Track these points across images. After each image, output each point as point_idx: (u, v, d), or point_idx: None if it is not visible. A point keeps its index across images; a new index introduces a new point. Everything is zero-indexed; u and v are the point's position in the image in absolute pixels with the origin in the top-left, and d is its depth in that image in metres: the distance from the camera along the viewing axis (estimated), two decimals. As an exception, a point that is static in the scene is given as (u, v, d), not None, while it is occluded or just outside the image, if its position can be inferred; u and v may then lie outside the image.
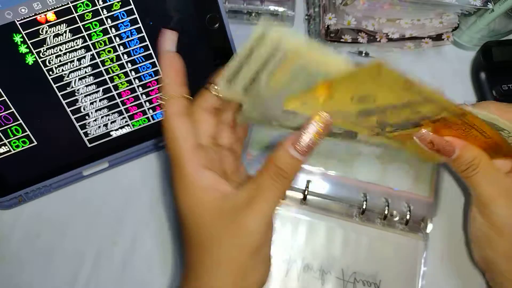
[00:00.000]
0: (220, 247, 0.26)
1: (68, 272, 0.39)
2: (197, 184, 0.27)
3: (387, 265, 0.38)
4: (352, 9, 0.42)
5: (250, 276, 0.27)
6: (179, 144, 0.27)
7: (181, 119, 0.28)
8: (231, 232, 0.26)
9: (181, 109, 0.28)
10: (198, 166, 0.27)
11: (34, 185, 0.39)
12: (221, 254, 0.26)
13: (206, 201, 0.27)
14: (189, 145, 0.27)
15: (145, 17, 0.35)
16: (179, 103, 0.28)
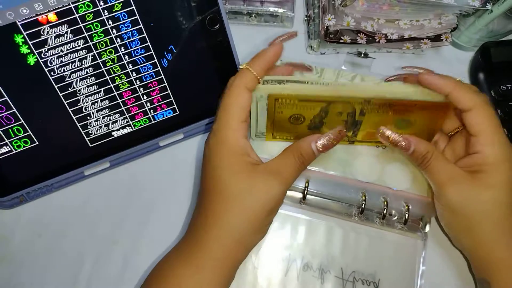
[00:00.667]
0: (247, 199, 0.31)
1: (69, 272, 0.39)
2: (237, 148, 0.32)
3: (386, 264, 0.38)
4: (351, 10, 0.42)
5: (257, 234, 0.33)
6: (234, 111, 0.33)
7: (245, 92, 0.33)
8: (259, 191, 0.31)
9: (249, 84, 0.33)
10: (241, 135, 0.33)
11: (36, 185, 0.39)
12: (246, 205, 0.31)
13: (242, 161, 0.32)
14: (241, 115, 0.33)
15: (146, 18, 0.36)
16: (251, 79, 0.33)
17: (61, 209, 0.41)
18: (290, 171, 0.33)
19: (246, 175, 0.32)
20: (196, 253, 0.32)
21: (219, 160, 0.32)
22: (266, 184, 0.32)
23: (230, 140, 0.32)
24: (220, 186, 0.32)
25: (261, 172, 0.32)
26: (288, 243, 0.39)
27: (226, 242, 0.31)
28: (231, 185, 0.32)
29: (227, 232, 0.31)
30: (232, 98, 0.33)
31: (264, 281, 0.38)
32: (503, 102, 0.43)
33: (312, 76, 0.39)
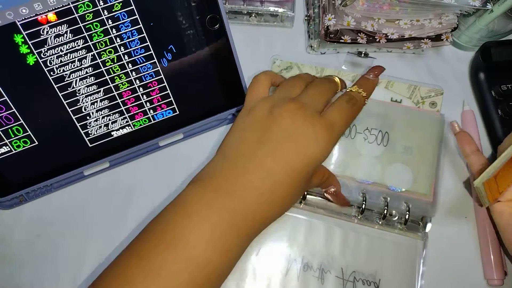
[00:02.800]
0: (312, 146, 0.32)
1: (68, 272, 0.39)
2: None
3: (386, 264, 0.38)
4: (351, 10, 0.42)
5: (291, 197, 0.32)
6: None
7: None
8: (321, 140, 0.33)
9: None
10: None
11: (35, 185, 0.39)
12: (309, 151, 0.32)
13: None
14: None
15: (145, 18, 0.35)
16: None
17: (61, 209, 0.41)
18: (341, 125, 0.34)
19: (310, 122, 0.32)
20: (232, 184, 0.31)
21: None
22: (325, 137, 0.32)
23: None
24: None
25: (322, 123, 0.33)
26: (288, 243, 0.39)
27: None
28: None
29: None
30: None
31: (264, 281, 0.38)
32: (504, 102, 0.43)
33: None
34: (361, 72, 0.44)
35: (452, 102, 0.44)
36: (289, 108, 0.32)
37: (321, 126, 0.32)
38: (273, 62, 0.45)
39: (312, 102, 0.34)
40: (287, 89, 0.35)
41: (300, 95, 0.35)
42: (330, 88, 0.37)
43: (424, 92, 0.44)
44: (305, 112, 0.32)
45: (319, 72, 0.45)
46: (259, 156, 0.31)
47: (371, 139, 0.41)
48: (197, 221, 0.29)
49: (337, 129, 0.33)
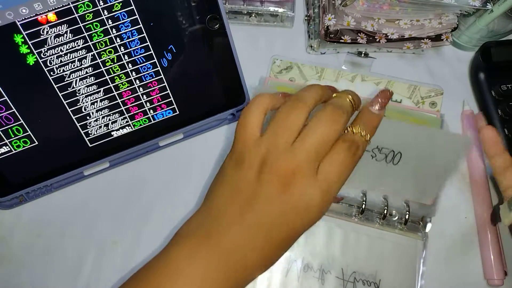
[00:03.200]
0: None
1: (69, 272, 0.39)
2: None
3: (386, 265, 0.38)
4: (351, 10, 0.42)
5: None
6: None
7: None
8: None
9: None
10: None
11: (35, 185, 0.39)
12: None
13: None
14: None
15: (145, 18, 0.35)
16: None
17: (61, 209, 0.41)
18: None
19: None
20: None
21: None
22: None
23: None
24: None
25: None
26: (288, 243, 0.39)
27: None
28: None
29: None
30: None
31: (264, 282, 0.38)
32: (504, 102, 0.43)
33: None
34: (361, 72, 0.44)
35: (452, 102, 0.44)
36: (280, 173, 0.28)
37: (316, 193, 0.28)
38: (273, 62, 0.45)
39: (311, 157, 0.28)
40: (283, 128, 0.29)
41: (298, 142, 0.29)
42: (340, 125, 0.30)
43: (424, 92, 0.44)
44: (299, 178, 0.28)
45: (319, 72, 0.45)
46: (245, 222, 0.28)
47: (379, 157, 0.38)
48: (182, 284, 0.27)
49: (334, 191, 0.29)
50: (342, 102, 0.31)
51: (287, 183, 0.28)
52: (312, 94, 0.31)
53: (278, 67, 0.45)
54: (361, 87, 0.44)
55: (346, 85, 0.44)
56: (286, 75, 0.44)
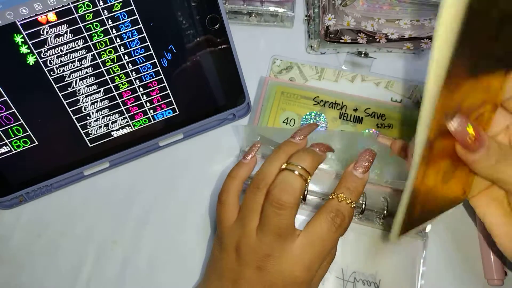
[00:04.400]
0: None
1: (68, 272, 0.39)
2: None
3: (386, 265, 0.38)
4: (351, 10, 0.42)
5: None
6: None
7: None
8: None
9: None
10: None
11: (35, 185, 0.39)
12: None
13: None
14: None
15: (146, 18, 0.35)
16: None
17: (61, 209, 0.41)
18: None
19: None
20: None
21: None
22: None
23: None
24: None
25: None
26: (288, 243, 0.39)
27: None
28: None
29: None
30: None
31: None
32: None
33: None
34: (361, 72, 0.44)
35: (452, 102, 0.44)
36: (255, 258, 0.29)
37: (295, 269, 0.29)
38: (273, 62, 0.45)
39: (282, 235, 0.29)
40: (249, 212, 0.30)
41: (263, 226, 0.29)
42: (294, 200, 0.29)
43: (424, 92, 0.44)
44: (272, 260, 0.29)
45: (319, 72, 0.44)
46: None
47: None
48: None
49: (314, 266, 0.30)
50: (292, 181, 0.30)
51: (263, 266, 0.29)
52: (275, 166, 0.31)
53: (278, 67, 0.45)
54: (361, 87, 0.44)
55: (346, 85, 0.44)
56: (286, 75, 0.44)
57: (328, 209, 0.30)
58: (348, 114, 0.42)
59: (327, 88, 0.44)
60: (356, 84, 0.44)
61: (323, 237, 0.29)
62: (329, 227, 0.29)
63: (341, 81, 0.44)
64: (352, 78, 0.44)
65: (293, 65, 0.45)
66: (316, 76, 0.44)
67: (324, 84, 0.44)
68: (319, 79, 0.44)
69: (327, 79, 0.44)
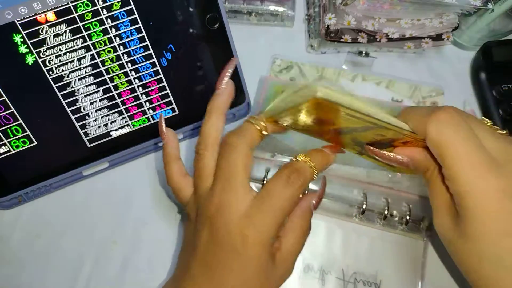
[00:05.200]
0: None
1: (68, 272, 0.39)
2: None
3: (387, 265, 0.38)
4: (352, 9, 0.42)
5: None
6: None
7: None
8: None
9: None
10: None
11: (34, 185, 0.39)
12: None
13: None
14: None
15: (145, 17, 0.35)
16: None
17: (60, 209, 0.41)
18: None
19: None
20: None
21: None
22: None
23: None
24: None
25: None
26: (289, 243, 0.39)
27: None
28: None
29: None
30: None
31: (264, 282, 0.38)
32: (505, 102, 0.43)
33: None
34: (362, 71, 0.44)
35: (453, 102, 0.44)
36: (206, 215, 0.29)
37: (245, 227, 0.28)
38: (273, 62, 0.45)
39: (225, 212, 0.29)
40: (200, 174, 0.31)
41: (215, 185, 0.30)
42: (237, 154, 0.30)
43: (425, 92, 0.44)
44: (222, 215, 0.28)
45: (319, 71, 0.44)
46: (190, 272, 0.29)
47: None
48: None
49: (267, 230, 0.28)
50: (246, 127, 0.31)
51: (213, 224, 0.28)
52: (212, 131, 0.32)
53: (278, 67, 0.44)
54: (361, 86, 0.44)
55: (346, 84, 0.44)
56: (286, 74, 0.44)
57: (285, 167, 0.29)
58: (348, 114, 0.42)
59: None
60: (356, 83, 0.44)
61: (274, 192, 0.28)
62: (283, 183, 0.28)
63: (341, 81, 0.44)
64: (353, 77, 0.44)
65: (293, 65, 0.45)
66: (316, 76, 0.44)
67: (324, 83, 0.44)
68: (320, 79, 0.44)
69: (327, 79, 0.44)
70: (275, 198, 0.28)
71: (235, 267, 0.28)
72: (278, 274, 0.30)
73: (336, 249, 0.39)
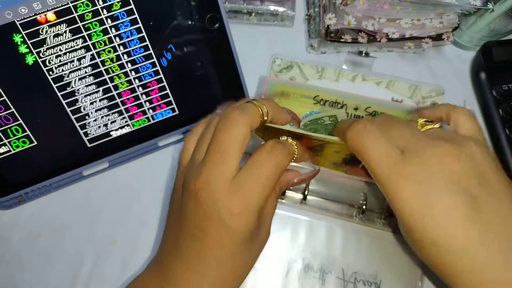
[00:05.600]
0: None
1: (68, 272, 0.39)
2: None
3: (387, 265, 0.38)
4: (352, 9, 0.42)
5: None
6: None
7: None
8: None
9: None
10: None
11: (34, 185, 0.39)
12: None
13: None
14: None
15: (145, 17, 0.35)
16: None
17: (60, 209, 0.41)
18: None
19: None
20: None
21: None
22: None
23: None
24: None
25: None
26: (289, 244, 0.39)
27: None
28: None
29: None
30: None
31: (265, 283, 0.38)
32: (505, 102, 0.43)
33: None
34: (362, 71, 0.44)
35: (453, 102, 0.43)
36: (193, 188, 0.28)
37: (229, 201, 0.27)
38: (273, 62, 0.45)
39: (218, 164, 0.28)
40: (197, 146, 0.31)
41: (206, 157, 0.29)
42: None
43: (425, 92, 0.44)
44: (205, 190, 0.28)
45: (319, 71, 0.44)
46: (180, 247, 0.29)
47: None
48: None
49: (254, 200, 0.28)
50: (248, 107, 0.30)
51: (199, 194, 0.28)
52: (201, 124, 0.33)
53: (278, 66, 0.44)
54: (361, 86, 0.44)
55: (347, 84, 0.44)
56: (286, 74, 0.44)
57: (269, 141, 0.30)
58: (349, 113, 0.42)
59: (328, 87, 0.43)
60: (356, 83, 0.44)
61: (261, 162, 0.29)
62: (268, 150, 0.29)
63: (341, 81, 0.44)
64: (353, 77, 0.44)
65: (293, 65, 0.44)
66: (316, 76, 0.44)
67: (325, 83, 0.44)
68: (320, 79, 0.44)
69: (327, 79, 0.44)
70: (262, 166, 0.28)
71: (224, 240, 0.27)
72: (261, 238, 0.31)
73: (336, 249, 0.39)
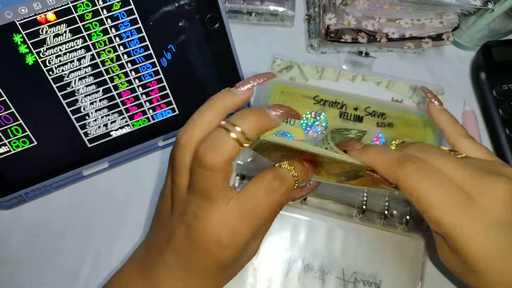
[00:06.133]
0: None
1: (68, 272, 0.39)
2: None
3: (387, 265, 0.38)
4: (352, 9, 0.42)
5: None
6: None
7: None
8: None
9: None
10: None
11: (34, 185, 0.39)
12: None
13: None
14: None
15: (145, 17, 0.35)
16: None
17: (60, 209, 0.41)
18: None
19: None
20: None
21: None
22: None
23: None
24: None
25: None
26: (289, 244, 0.39)
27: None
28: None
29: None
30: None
31: (265, 282, 0.38)
32: (505, 102, 0.43)
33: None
34: (362, 71, 0.44)
35: (453, 102, 0.44)
36: (183, 214, 0.27)
37: (221, 230, 0.26)
38: (273, 62, 0.45)
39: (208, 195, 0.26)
40: (176, 170, 0.28)
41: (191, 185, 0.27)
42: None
43: (425, 92, 0.43)
44: (196, 222, 0.27)
45: (319, 71, 0.44)
46: (166, 256, 0.29)
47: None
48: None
49: (244, 235, 0.27)
50: (223, 142, 0.26)
51: (189, 224, 0.27)
52: (202, 120, 0.27)
53: (278, 66, 0.44)
54: (361, 86, 0.44)
55: (347, 84, 0.44)
56: (286, 74, 0.44)
57: (267, 171, 0.27)
58: (348, 113, 0.42)
59: (328, 87, 0.43)
60: (356, 83, 0.44)
61: (256, 199, 0.27)
62: (265, 188, 0.27)
63: (341, 81, 0.44)
64: (353, 77, 0.44)
65: (293, 65, 0.44)
66: (316, 76, 0.44)
67: (325, 83, 0.44)
68: (320, 79, 0.44)
69: (327, 79, 0.44)
70: (256, 206, 0.27)
71: (210, 264, 0.28)
72: (248, 255, 0.31)
73: (336, 249, 0.39)
